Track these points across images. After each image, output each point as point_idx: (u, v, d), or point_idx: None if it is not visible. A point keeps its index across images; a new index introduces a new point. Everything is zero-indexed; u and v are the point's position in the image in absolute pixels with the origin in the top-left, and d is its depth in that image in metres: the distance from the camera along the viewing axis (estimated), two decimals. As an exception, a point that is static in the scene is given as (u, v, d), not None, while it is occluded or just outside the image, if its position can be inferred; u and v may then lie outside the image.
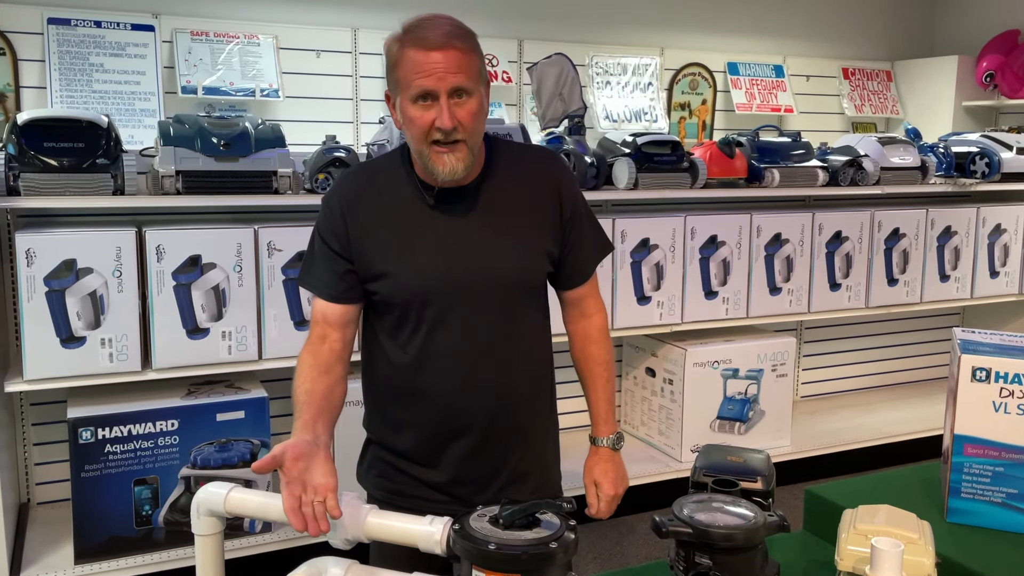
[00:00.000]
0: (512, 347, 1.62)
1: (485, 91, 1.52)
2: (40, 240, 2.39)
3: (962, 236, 3.80)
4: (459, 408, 1.60)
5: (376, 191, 1.58)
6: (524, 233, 1.59)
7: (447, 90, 1.44)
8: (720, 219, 3.32)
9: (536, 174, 1.63)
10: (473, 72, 1.47)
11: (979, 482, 1.51)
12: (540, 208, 1.60)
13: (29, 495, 2.91)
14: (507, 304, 1.59)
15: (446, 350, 1.57)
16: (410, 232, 1.55)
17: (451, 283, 1.55)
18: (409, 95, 1.46)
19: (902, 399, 4.17)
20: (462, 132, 1.46)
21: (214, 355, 2.61)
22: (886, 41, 6.46)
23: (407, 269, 1.55)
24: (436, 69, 1.43)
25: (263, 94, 4.51)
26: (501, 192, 1.58)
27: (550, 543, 1.07)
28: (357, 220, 1.56)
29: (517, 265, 1.58)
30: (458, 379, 1.58)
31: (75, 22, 4.34)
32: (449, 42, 1.44)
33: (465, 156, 1.48)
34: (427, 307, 1.56)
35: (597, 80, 5.32)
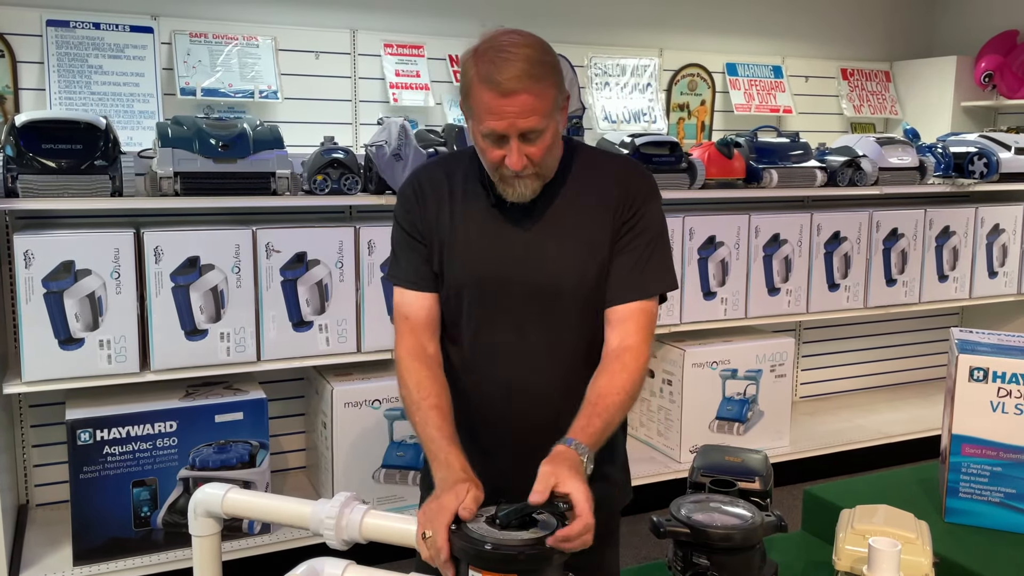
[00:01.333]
0: (564, 357, 1.55)
1: (560, 116, 1.48)
2: (38, 242, 2.39)
3: (960, 236, 3.80)
4: (502, 413, 1.55)
5: (445, 183, 1.58)
6: (584, 239, 1.53)
7: (517, 134, 1.41)
8: (718, 220, 3.32)
9: (609, 181, 1.56)
10: (545, 110, 1.42)
11: (977, 482, 1.51)
12: (604, 216, 1.54)
13: (28, 497, 2.91)
14: (559, 310, 1.54)
15: (492, 351, 1.55)
16: (469, 227, 1.54)
17: (500, 281, 1.53)
18: (480, 130, 1.44)
19: (901, 399, 4.17)
20: (532, 167, 1.45)
21: (212, 356, 2.61)
22: (885, 42, 6.46)
23: (460, 262, 1.54)
24: (506, 114, 1.39)
25: (262, 95, 4.51)
26: (568, 196, 1.54)
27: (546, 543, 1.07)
28: (428, 208, 1.56)
29: (571, 270, 1.53)
30: (503, 381, 1.55)
31: (74, 24, 4.34)
32: (522, 86, 1.39)
33: (534, 183, 1.47)
34: (476, 303, 1.54)
35: (596, 81, 5.33)
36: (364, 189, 2.80)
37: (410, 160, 2.73)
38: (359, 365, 2.92)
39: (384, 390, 2.82)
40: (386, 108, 4.75)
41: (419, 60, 4.88)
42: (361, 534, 1.22)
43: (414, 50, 4.88)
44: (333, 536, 1.22)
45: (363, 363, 2.90)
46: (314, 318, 2.71)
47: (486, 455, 1.56)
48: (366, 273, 2.78)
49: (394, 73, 4.79)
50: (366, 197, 2.78)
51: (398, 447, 2.86)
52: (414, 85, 4.81)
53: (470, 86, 1.44)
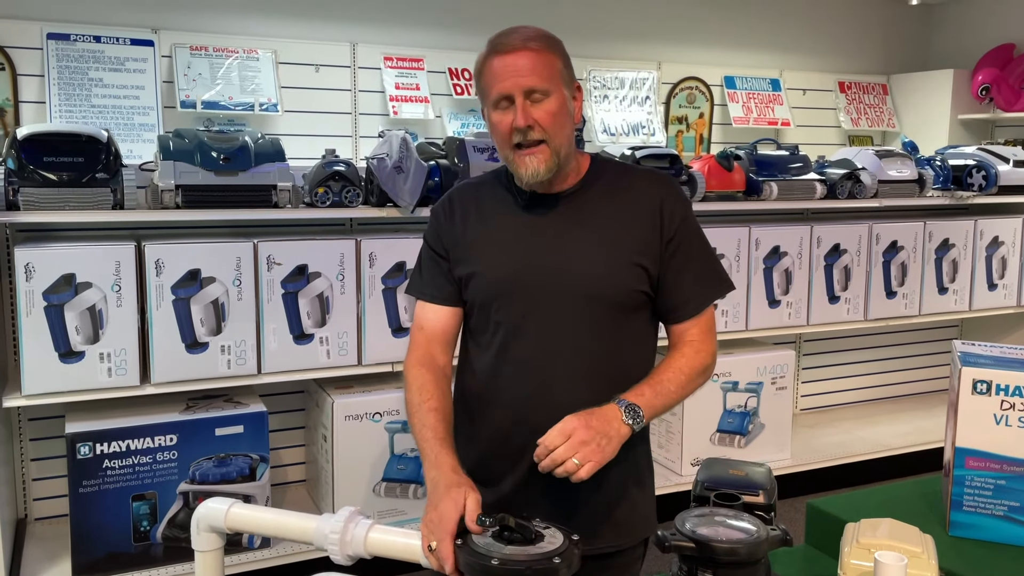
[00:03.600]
0: (595, 365, 1.53)
1: (571, 94, 1.53)
2: (39, 255, 2.39)
3: (960, 248, 3.81)
4: (527, 422, 1.51)
5: (476, 199, 1.63)
6: (612, 244, 1.53)
7: (522, 91, 1.46)
8: (718, 232, 3.33)
9: (640, 189, 1.58)
10: (550, 73, 1.48)
11: (981, 495, 1.51)
12: (637, 223, 1.54)
13: (27, 510, 2.89)
14: (591, 317, 1.53)
15: (521, 356, 1.54)
16: (498, 234, 1.57)
17: (530, 284, 1.53)
18: (490, 102, 1.50)
19: (902, 412, 4.16)
20: (540, 131, 1.47)
21: (213, 369, 2.60)
22: (882, 55, 6.50)
23: (489, 267, 1.56)
24: (510, 72, 1.46)
25: (262, 108, 4.53)
26: (597, 202, 1.56)
27: (553, 558, 1.07)
28: (456, 223, 1.60)
29: (602, 274, 1.52)
30: (529, 389, 1.54)
31: (74, 37, 4.35)
32: (524, 45, 1.47)
33: (548, 157, 1.49)
34: (505, 307, 1.55)
35: (595, 94, 5.35)
36: (365, 202, 2.80)
37: (411, 172, 2.73)
38: (360, 378, 2.91)
39: (385, 403, 2.81)
40: (386, 121, 4.77)
41: (419, 73, 4.90)
42: (366, 549, 1.21)
43: (414, 63, 4.90)
44: (338, 551, 1.21)
45: (364, 376, 2.89)
46: (315, 331, 2.71)
47: (503, 472, 1.56)
48: (367, 286, 2.77)
49: (394, 86, 4.81)
50: (367, 210, 2.78)
51: (399, 460, 2.85)
52: (414, 98, 4.82)
53: (480, 66, 1.52)
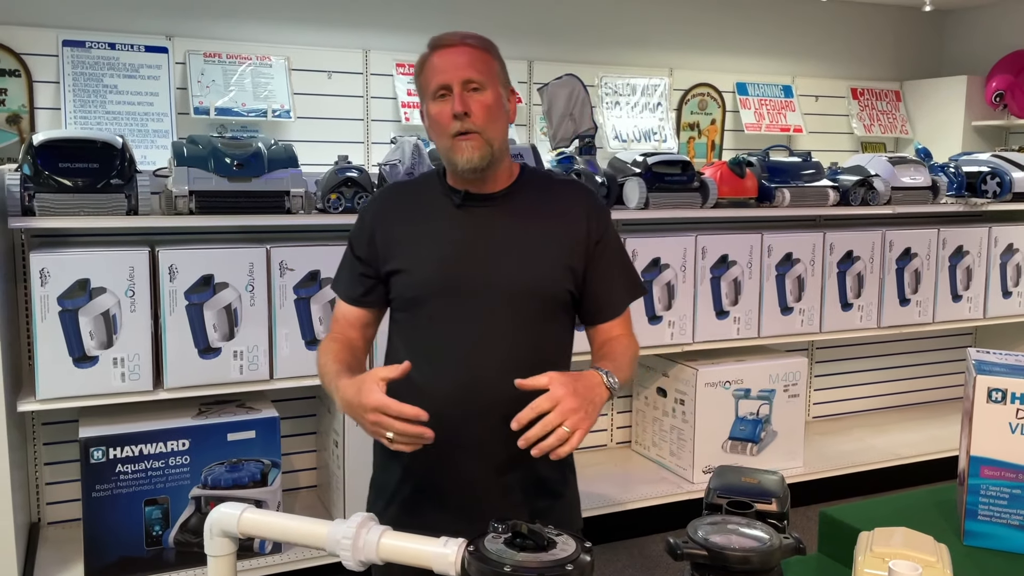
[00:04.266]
0: (523, 359, 1.57)
1: (506, 94, 1.61)
2: (54, 260, 2.40)
3: (974, 256, 3.78)
4: (457, 416, 1.57)
5: (408, 200, 1.68)
6: (543, 244, 1.61)
7: (460, 81, 1.54)
8: (731, 239, 3.32)
9: (566, 196, 1.68)
10: (486, 69, 1.57)
11: (996, 504, 1.49)
12: (565, 227, 1.63)
13: (40, 515, 2.90)
14: (520, 313, 1.59)
15: (452, 351, 1.59)
16: (429, 233, 1.62)
17: (463, 280, 1.59)
18: (429, 94, 1.57)
19: (915, 420, 4.13)
20: (475, 120, 1.54)
21: (225, 375, 2.61)
22: (895, 61, 6.48)
23: (419, 265, 1.61)
24: (449, 65, 1.54)
25: (275, 115, 4.55)
26: (526, 205, 1.63)
27: (566, 565, 1.06)
28: (386, 226, 1.65)
29: (529, 272, 1.60)
30: (460, 383, 1.58)
31: (90, 44, 4.39)
32: (462, 41, 1.57)
33: (481, 146, 1.55)
34: (433, 303, 1.60)
35: (607, 100, 5.35)
36: (377, 208, 2.81)
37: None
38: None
39: (396, 409, 2.82)
40: (398, 127, 4.78)
41: (430, 80, 4.91)
42: (378, 555, 1.21)
43: (424, 70, 4.91)
44: (350, 556, 1.21)
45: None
46: (327, 336, 2.72)
47: (454, 461, 1.61)
48: (379, 291, 2.78)
49: (406, 92, 4.83)
50: (380, 216, 2.78)
51: (410, 466, 2.85)
52: (426, 104, 4.83)
53: (421, 64, 1.60)
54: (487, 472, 1.61)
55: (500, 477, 1.62)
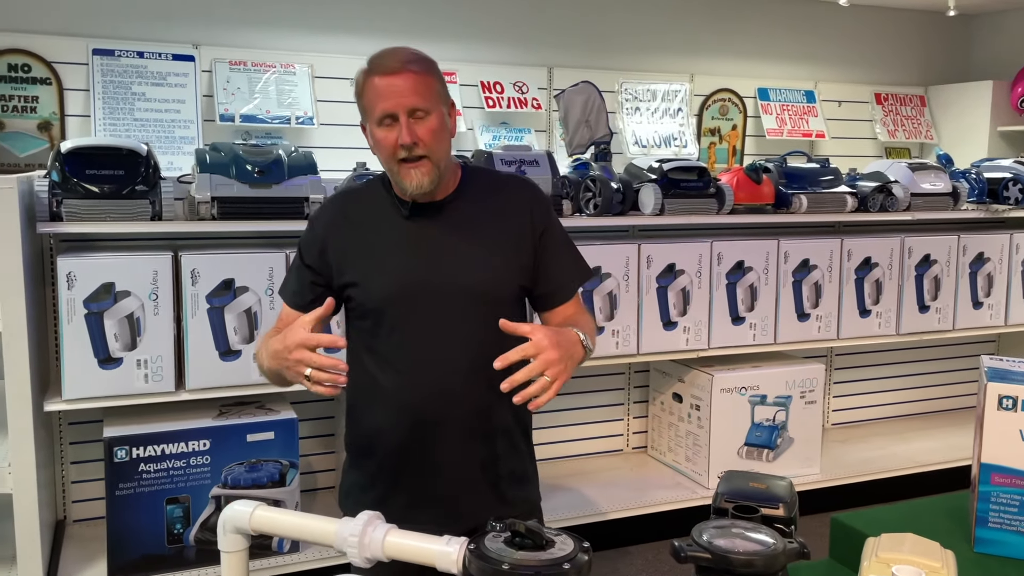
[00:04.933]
0: (484, 355, 1.59)
1: (449, 112, 1.65)
2: (80, 264, 2.47)
3: (995, 263, 3.75)
4: (426, 417, 1.65)
5: (357, 209, 1.72)
6: (493, 245, 1.68)
7: (405, 110, 1.57)
8: (747, 245, 3.32)
9: (508, 193, 1.74)
10: (429, 93, 1.59)
11: (1007, 511, 1.50)
12: (511, 224, 1.70)
13: (65, 512, 2.97)
14: (476, 313, 1.64)
15: (415, 355, 1.65)
16: (383, 243, 1.67)
17: (418, 288, 1.64)
18: (374, 119, 1.60)
19: (935, 428, 4.10)
20: (423, 147, 1.58)
21: (246, 376, 2.66)
22: (919, 66, 6.43)
23: (377, 276, 1.65)
24: (393, 92, 1.56)
25: (298, 121, 4.62)
26: (473, 208, 1.69)
27: (563, 564, 1.09)
28: (336, 235, 1.69)
29: (484, 273, 1.66)
30: (426, 385, 1.65)
31: (119, 53, 4.48)
32: (405, 67, 1.58)
33: (430, 170, 1.60)
34: (395, 312, 1.65)
35: (627, 106, 5.36)
36: (395, 214, 2.85)
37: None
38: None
39: (413, 412, 2.86)
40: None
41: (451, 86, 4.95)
42: (384, 552, 1.24)
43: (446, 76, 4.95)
44: (356, 554, 1.24)
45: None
46: (344, 340, 2.76)
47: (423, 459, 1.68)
48: (395, 296, 2.82)
49: (427, 99, 4.88)
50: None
51: (426, 469, 2.89)
52: (447, 111, 4.88)
53: (362, 85, 1.62)
54: (456, 468, 1.68)
55: (469, 471, 1.69)
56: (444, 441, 1.67)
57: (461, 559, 1.17)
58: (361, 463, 1.76)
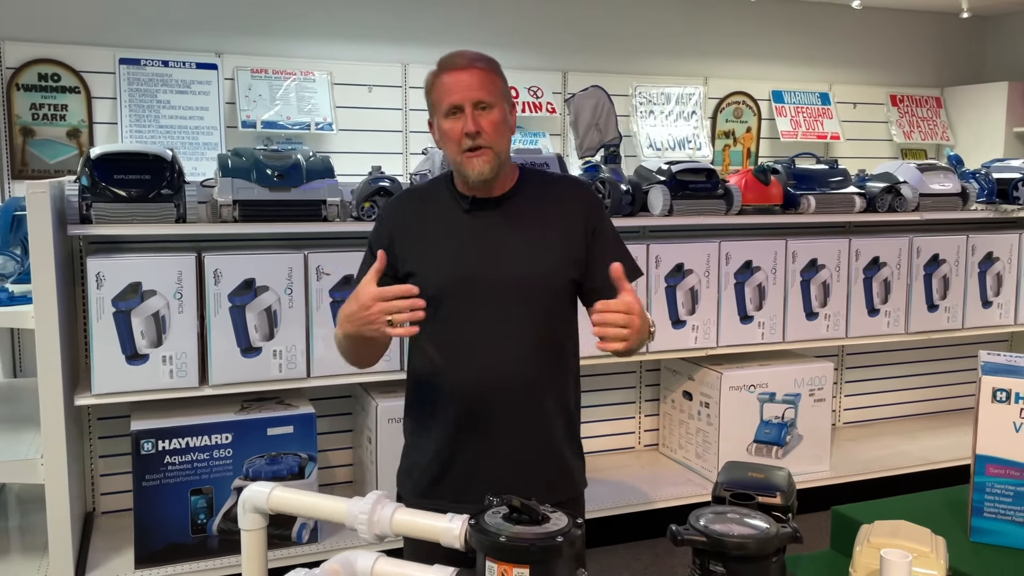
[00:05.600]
0: (538, 343, 1.77)
1: (510, 110, 1.77)
2: (109, 264, 2.58)
3: (1004, 262, 3.78)
4: (483, 400, 1.76)
5: (420, 204, 1.85)
6: (547, 238, 1.77)
7: (471, 102, 1.69)
8: (755, 245, 3.38)
9: (563, 193, 1.85)
10: (494, 89, 1.72)
11: (1001, 502, 1.53)
12: (564, 219, 1.80)
13: (95, 504, 3.08)
14: (529, 302, 1.76)
15: (473, 340, 1.76)
16: (442, 235, 1.79)
17: (474, 277, 1.75)
18: (442, 112, 1.72)
19: (945, 426, 4.11)
20: (486, 138, 1.70)
21: (266, 373, 2.76)
22: (935, 67, 6.43)
23: (437, 265, 1.77)
24: (461, 86, 1.70)
25: (318, 127, 4.73)
26: (529, 204, 1.79)
27: (556, 537, 1.17)
28: (400, 227, 1.81)
29: (537, 265, 1.76)
30: (483, 370, 1.76)
31: (144, 62, 4.62)
32: (472, 64, 1.72)
33: (491, 159, 1.71)
34: (453, 299, 1.75)
35: (640, 110, 5.42)
36: (410, 215, 2.93)
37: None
38: (402, 383, 3.02)
39: (427, 408, 2.94)
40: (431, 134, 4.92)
41: (468, 91, 5.05)
42: (391, 529, 1.33)
43: (463, 81, 5.06)
44: (366, 530, 1.33)
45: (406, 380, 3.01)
46: (361, 337, 2.85)
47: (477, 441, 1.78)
48: (410, 294, 2.90)
49: (444, 104, 4.98)
50: (411, 223, 2.90)
51: (440, 463, 2.96)
52: (463, 115, 4.98)
53: (432, 82, 1.75)
54: (506, 451, 1.78)
55: (518, 455, 1.79)
56: (495, 425, 1.77)
57: (463, 534, 1.25)
58: (418, 445, 1.87)
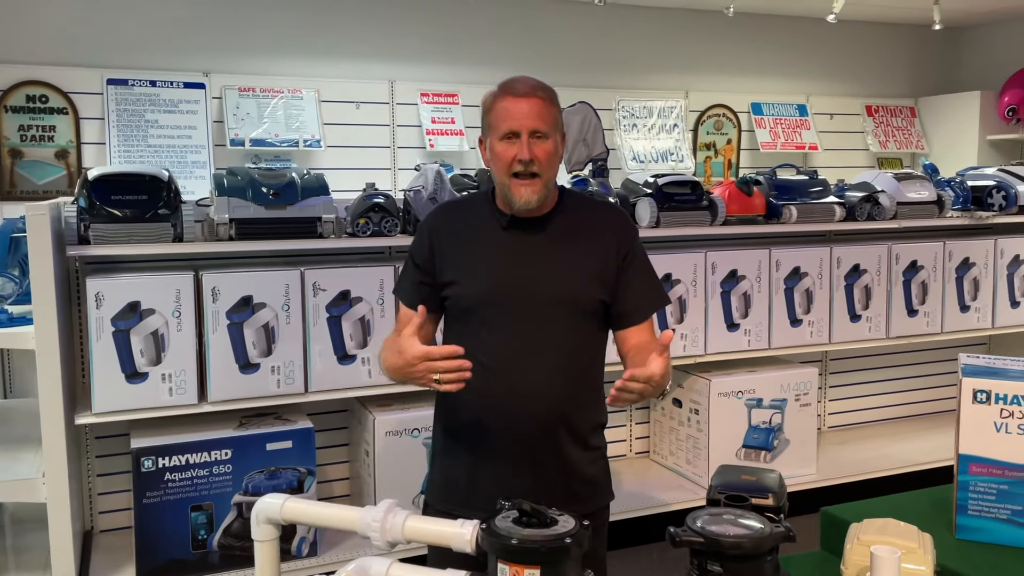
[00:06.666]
0: (566, 360, 1.83)
1: (561, 141, 1.83)
2: (108, 284, 2.61)
3: (981, 267, 3.88)
4: (511, 411, 1.81)
5: (460, 217, 1.91)
6: (580, 259, 1.83)
7: (528, 130, 1.74)
8: (740, 254, 3.45)
9: (599, 217, 1.91)
10: (551, 119, 1.78)
11: (985, 499, 1.59)
12: (599, 242, 1.86)
13: (93, 523, 3.10)
14: (560, 319, 1.82)
15: (504, 354, 1.81)
16: (482, 249, 1.84)
17: (509, 291, 1.80)
18: (498, 134, 1.77)
19: (927, 429, 4.20)
20: (538, 166, 1.75)
21: (264, 389, 2.79)
22: (909, 78, 6.57)
23: (473, 277, 1.83)
24: (520, 113, 1.75)
25: (306, 144, 4.78)
26: (566, 225, 1.85)
27: (565, 539, 1.22)
28: (440, 238, 1.87)
29: (570, 283, 1.82)
30: (513, 383, 1.81)
31: (132, 82, 4.65)
32: (533, 93, 1.76)
33: (540, 189, 1.77)
34: (487, 311, 1.81)
35: (624, 123, 5.51)
36: (403, 231, 2.98)
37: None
38: (399, 396, 3.09)
39: (423, 419, 2.98)
40: (423, 154, 4.98)
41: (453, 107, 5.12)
42: (403, 535, 1.37)
43: (449, 98, 5.13)
44: (379, 537, 1.37)
45: (403, 394, 3.06)
46: (357, 351, 2.89)
47: (506, 452, 1.83)
48: (405, 310, 2.95)
49: (430, 120, 5.03)
50: (405, 239, 2.95)
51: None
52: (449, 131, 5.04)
53: (491, 104, 1.80)
54: (534, 463, 1.83)
55: (546, 467, 1.84)
56: (525, 438, 1.82)
57: (474, 539, 1.30)
58: (448, 455, 1.91)
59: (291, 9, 4.98)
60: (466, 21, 5.30)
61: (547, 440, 1.84)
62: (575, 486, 1.87)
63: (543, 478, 1.83)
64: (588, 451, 1.91)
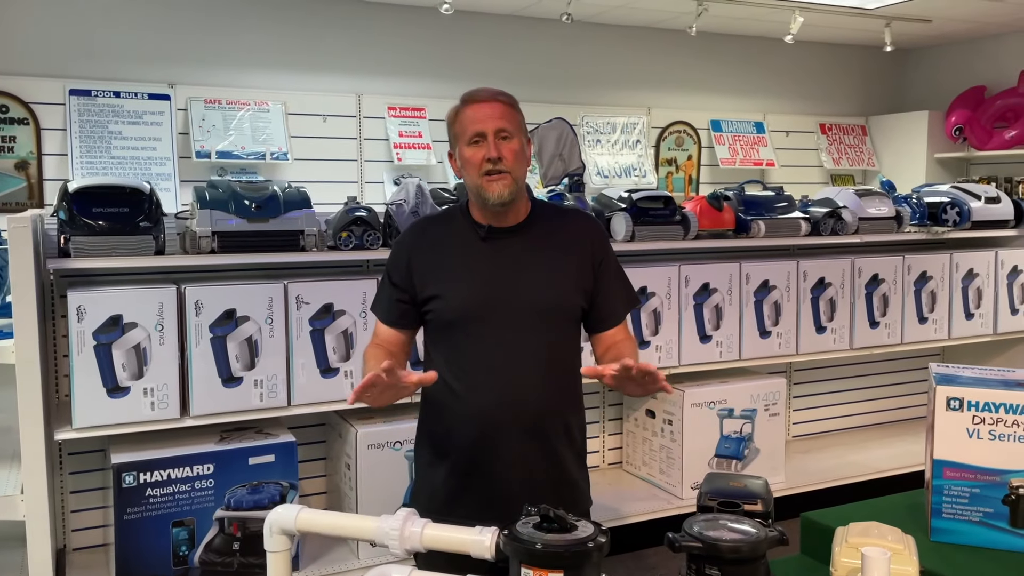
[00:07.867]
0: (549, 366, 1.89)
1: (526, 142, 1.90)
2: (90, 298, 2.57)
3: (938, 281, 4.03)
4: (497, 418, 1.86)
5: (437, 232, 1.96)
6: (558, 267, 1.90)
7: (493, 131, 1.83)
8: (711, 268, 3.54)
9: (573, 225, 1.98)
10: (514, 121, 1.87)
11: (958, 503, 1.65)
12: (574, 250, 1.92)
13: (66, 541, 3.03)
14: (541, 327, 1.88)
15: (488, 363, 1.86)
16: (461, 261, 1.89)
17: (490, 302, 1.86)
18: (465, 140, 1.86)
19: (889, 437, 4.32)
20: (506, 164, 1.82)
21: (247, 402, 2.77)
22: (860, 98, 6.80)
23: (454, 290, 1.87)
24: (483, 116, 1.84)
25: (273, 157, 4.75)
26: (542, 235, 1.92)
27: (587, 543, 1.26)
28: (418, 255, 1.91)
29: (550, 292, 1.88)
30: (499, 391, 1.86)
31: (95, 93, 4.59)
32: (495, 98, 1.87)
33: (510, 183, 1.84)
34: (471, 323, 1.86)
35: (588, 139, 5.60)
36: (385, 244, 3.00)
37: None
38: (381, 409, 3.08)
39: (404, 432, 2.99)
40: (390, 167, 5.00)
41: (421, 121, 5.15)
42: (422, 543, 1.39)
43: (416, 112, 5.16)
44: (397, 545, 1.39)
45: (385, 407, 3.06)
46: (340, 365, 2.89)
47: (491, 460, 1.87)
48: (387, 322, 2.96)
49: (397, 134, 5.05)
50: (387, 252, 2.95)
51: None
52: (416, 145, 5.06)
53: (455, 115, 1.89)
54: (517, 472, 1.88)
55: (529, 475, 1.88)
56: (509, 446, 1.87)
57: (493, 545, 1.33)
58: (433, 466, 1.94)
59: (258, 21, 4.97)
60: (433, 35, 5.34)
61: (536, 446, 1.89)
62: (562, 493, 1.91)
63: (532, 486, 1.87)
64: (575, 458, 1.98)
